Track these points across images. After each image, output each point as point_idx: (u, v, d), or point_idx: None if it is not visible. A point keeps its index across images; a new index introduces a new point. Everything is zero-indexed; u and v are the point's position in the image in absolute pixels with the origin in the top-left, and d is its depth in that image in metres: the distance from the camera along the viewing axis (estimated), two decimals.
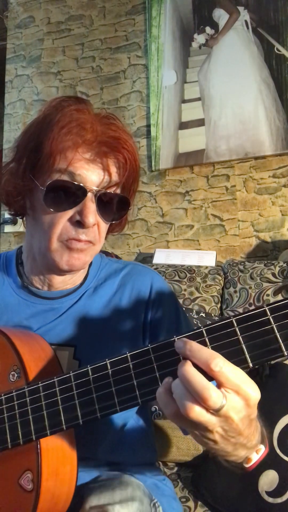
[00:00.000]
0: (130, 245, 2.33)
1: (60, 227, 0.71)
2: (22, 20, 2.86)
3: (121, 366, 0.53)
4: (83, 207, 0.70)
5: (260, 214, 2.11)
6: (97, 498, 0.65)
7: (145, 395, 0.52)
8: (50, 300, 0.79)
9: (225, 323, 0.48)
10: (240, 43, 2.24)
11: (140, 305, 0.80)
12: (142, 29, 2.49)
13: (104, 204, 0.73)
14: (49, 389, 0.57)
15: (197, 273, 1.75)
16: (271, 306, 0.47)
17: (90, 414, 0.54)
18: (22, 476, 0.59)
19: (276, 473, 1.07)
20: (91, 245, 0.74)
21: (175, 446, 1.32)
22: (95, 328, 0.77)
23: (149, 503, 0.70)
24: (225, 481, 1.13)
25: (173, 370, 0.49)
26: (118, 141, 0.72)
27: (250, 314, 0.47)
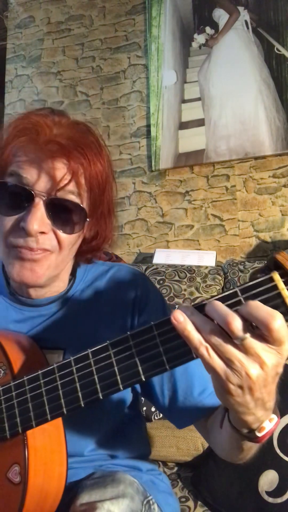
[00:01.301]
0: (130, 245, 2.33)
1: (8, 233, 0.67)
2: (22, 20, 2.86)
3: (102, 355, 0.55)
4: (27, 213, 0.65)
5: (260, 214, 2.11)
6: (89, 495, 0.66)
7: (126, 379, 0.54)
8: (37, 307, 0.78)
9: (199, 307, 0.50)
10: (240, 43, 2.24)
11: (127, 306, 0.79)
12: (142, 29, 2.49)
13: (58, 211, 0.67)
14: (34, 382, 0.59)
15: (197, 273, 1.75)
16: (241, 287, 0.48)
17: (74, 402, 0.56)
18: (10, 469, 0.59)
19: (276, 473, 1.07)
20: (47, 254, 0.68)
21: (175, 446, 1.32)
22: (84, 330, 0.76)
23: (141, 501, 0.70)
24: (225, 481, 1.13)
25: (152, 354, 0.52)
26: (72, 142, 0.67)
27: (223, 296, 0.49)
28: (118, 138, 2.43)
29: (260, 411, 0.50)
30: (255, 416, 0.50)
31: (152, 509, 0.73)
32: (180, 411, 0.75)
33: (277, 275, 0.47)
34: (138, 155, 2.39)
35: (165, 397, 0.75)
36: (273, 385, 0.49)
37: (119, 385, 0.53)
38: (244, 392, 0.47)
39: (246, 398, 0.47)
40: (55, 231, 0.68)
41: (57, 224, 0.68)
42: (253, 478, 1.08)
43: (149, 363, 0.52)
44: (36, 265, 0.68)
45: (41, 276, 0.69)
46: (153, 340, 0.52)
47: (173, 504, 0.84)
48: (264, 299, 0.47)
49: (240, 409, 0.49)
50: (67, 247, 0.71)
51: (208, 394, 0.73)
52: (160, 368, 0.52)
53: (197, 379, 0.74)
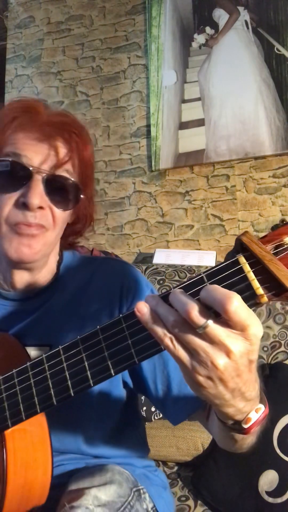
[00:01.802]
0: (130, 245, 2.33)
1: (7, 210, 0.70)
2: (22, 20, 2.86)
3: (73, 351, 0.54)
4: (28, 188, 0.69)
5: (260, 214, 2.11)
6: (76, 484, 0.66)
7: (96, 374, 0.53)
8: (20, 302, 0.78)
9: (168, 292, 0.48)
10: (240, 43, 2.24)
11: (114, 296, 0.78)
12: (142, 29, 2.49)
13: (54, 188, 0.72)
14: (9, 381, 0.59)
15: (197, 273, 1.75)
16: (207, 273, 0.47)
17: (46, 400, 0.56)
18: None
19: (276, 473, 1.07)
20: (43, 230, 0.71)
21: (175, 446, 1.33)
22: (70, 325, 0.76)
23: (130, 488, 0.70)
24: (225, 481, 1.13)
25: (121, 347, 0.51)
26: (65, 124, 0.72)
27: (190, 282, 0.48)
28: (118, 138, 2.43)
29: (239, 402, 0.48)
30: (235, 407, 0.48)
31: (142, 498, 0.73)
32: (174, 405, 0.74)
33: (243, 258, 0.45)
34: (138, 155, 2.39)
35: (158, 390, 0.74)
36: (249, 374, 0.46)
37: (90, 381, 0.53)
38: (216, 383, 0.44)
39: (219, 389, 0.45)
40: (51, 207, 0.72)
41: (54, 201, 0.72)
42: (253, 478, 1.08)
43: (118, 357, 0.51)
44: (34, 241, 0.70)
45: (38, 252, 0.71)
46: (122, 333, 0.51)
47: (166, 498, 0.83)
48: (230, 284, 0.45)
49: (216, 401, 0.47)
50: (60, 224, 0.75)
51: None
52: (129, 362, 0.50)
53: None
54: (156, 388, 0.74)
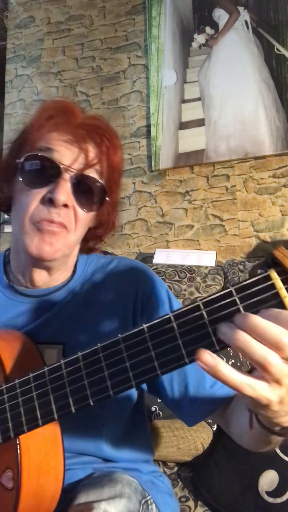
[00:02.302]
0: (130, 245, 2.33)
1: (33, 206, 0.70)
2: (22, 20, 2.86)
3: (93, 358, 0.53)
4: (56, 185, 0.69)
5: (260, 214, 2.11)
6: (86, 495, 0.65)
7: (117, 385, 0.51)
8: (36, 298, 0.78)
9: (192, 307, 0.47)
10: (240, 43, 2.24)
11: (129, 298, 0.78)
12: (142, 29, 2.49)
13: (81, 188, 0.72)
14: (25, 385, 0.58)
15: (197, 273, 1.75)
16: (236, 287, 0.46)
17: (64, 408, 0.54)
18: (3, 474, 0.58)
19: (276, 473, 1.07)
20: (64, 231, 0.71)
21: (175, 446, 1.32)
22: (84, 325, 0.76)
23: (139, 501, 0.70)
24: (225, 481, 1.13)
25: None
26: (99, 128, 0.74)
27: (217, 296, 0.46)
28: None
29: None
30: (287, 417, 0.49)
31: (150, 509, 0.72)
32: (191, 406, 0.73)
33: (275, 273, 0.43)
34: (138, 155, 2.39)
35: (174, 392, 0.74)
36: None
37: (110, 391, 0.51)
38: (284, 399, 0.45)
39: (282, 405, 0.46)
40: (75, 207, 0.72)
41: (78, 201, 0.72)
42: (253, 478, 1.08)
43: (140, 368, 0.49)
44: (55, 239, 0.70)
45: (58, 251, 0.71)
46: (144, 344, 0.49)
47: (172, 505, 0.83)
48: (260, 300, 0.44)
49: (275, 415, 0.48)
50: (82, 226, 0.75)
51: (220, 385, 0.71)
52: (150, 374, 0.49)
53: None
54: (172, 390, 0.74)
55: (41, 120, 0.72)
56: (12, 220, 0.79)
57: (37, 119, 0.72)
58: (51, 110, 0.73)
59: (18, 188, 0.74)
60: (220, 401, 0.71)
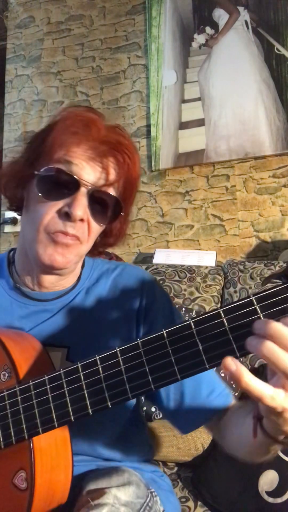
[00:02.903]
0: (130, 245, 2.33)
1: (49, 217, 0.70)
2: (22, 20, 2.86)
3: (110, 362, 0.53)
4: (73, 199, 0.69)
5: (260, 214, 2.11)
6: (95, 484, 0.66)
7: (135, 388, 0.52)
8: (43, 302, 0.78)
9: (212, 315, 0.48)
10: (240, 43, 2.24)
11: (133, 305, 0.78)
12: (142, 29, 2.49)
13: (96, 203, 0.72)
14: (40, 387, 0.58)
15: (197, 273, 1.75)
16: (257, 296, 0.47)
17: (81, 410, 0.54)
18: (16, 475, 0.59)
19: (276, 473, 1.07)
20: (77, 243, 0.72)
21: (175, 446, 1.32)
22: (88, 329, 0.76)
23: (146, 488, 0.70)
24: (225, 481, 1.13)
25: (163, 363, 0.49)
26: (121, 144, 0.73)
27: (237, 305, 0.47)
28: None
29: None
30: None
31: (155, 500, 0.73)
32: (186, 414, 0.73)
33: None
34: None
35: (170, 399, 0.74)
36: None
37: (128, 394, 0.52)
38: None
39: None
40: (89, 221, 0.72)
41: (94, 215, 0.73)
42: (253, 478, 1.08)
43: (160, 373, 0.50)
44: (67, 251, 0.71)
45: (70, 262, 0.73)
46: (164, 349, 0.50)
47: (174, 502, 0.84)
48: (282, 309, 0.45)
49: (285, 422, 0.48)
50: (94, 237, 0.76)
51: (216, 395, 0.72)
52: (171, 379, 0.50)
53: (205, 380, 0.72)
54: (168, 397, 0.74)
55: (61, 130, 0.71)
56: (23, 223, 0.79)
57: (59, 133, 0.71)
58: (75, 123, 0.71)
59: (34, 197, 0.73)
60: (216, 411, 0.71)
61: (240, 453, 0.67)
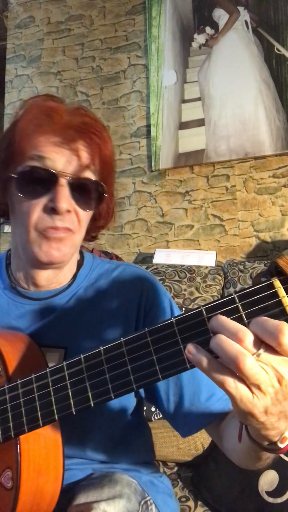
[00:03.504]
0: (130, 245, 2.33)
1: (36, 216, 0.70)
2: (22, 20, 2.86)
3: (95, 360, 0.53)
4: (55, 193, 0.69)
5: (260, 214, 2.11)
6: (85, 496, 0.65)
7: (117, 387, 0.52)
8: (39, 301, 0.78)
9: (195, 312, 0.48)
10: (240, 43, 2.24)
11: (132, 306, 0.78)
12: (142, 29, 2.49)
13: (79, 190, 0.72)
14: (27, 386, 0.58)
15: (197, 273, 1.75)
16: (239, 294, 0.46)
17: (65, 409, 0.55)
18: (2, 474, 0.59)
19: (276, 473, 1.07)
20: (70, 234, 0.72)
21: (175, 446, 1.32)
22: (87, 329, 0.76)
23: (139, 501, 0.70)
24: (225, 481, 1.13)
25: (145, 363, 0.49)
26: (86, 125, 0.72)
27: (220, 302, 0.47)
28: (118, 138, 2.43)
29: (283, 423, 0.48)
30: (278, 430, 0.48)
31: (149, 509, 0.72)
32: (185, 418, 0.73)
33: (278, 282, 0.44)
34: (138, 155, 2.39)
35: (170, 402, 0.73)
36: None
37: (111, 394, 0.52)
38: (268, 408, 0.45)
39: (268, 415, 0.46)
40: (76, 210, 0.72)
41: (78, 203, 0.72)
42: (253, 478, 1.08)
43: (141, 372, 0.50)
44: (62, 244, 0.71)
45: (67, 254, 0.73)
46: (146, 348, 0.50)
47: (172, 505, 0.83)
48: (263, 308, 0.44)
49: (261, 426, 0.47)
50: (84, 225, 0.76)
51: (216, 399, 0.71)
52: (152, 378, 0.49)
53: (205, 384, 0.72)
54: (168, 400, 0.74)
55: (26, 125, 0.70)
56: (12, 226, 0.78)
57: (24, 129, 0.70)
58: (37, 116, 0.71)
59: (16, 199, 0.73)
60: (215, 415, 0.71)
61: (234, 459, 0.67)
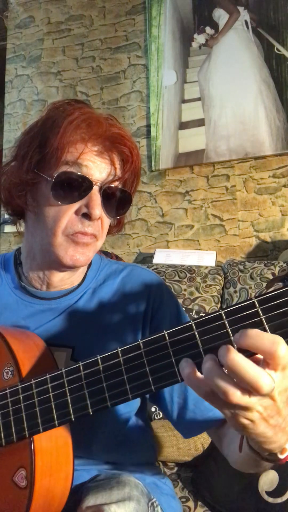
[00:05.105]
0: (130, 245, 2.33)
1: (66, 221, 0.71)
2: (22, 20, 2.86)
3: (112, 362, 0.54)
4: (90, 200, 0.71)
5: (260, 214, 2.11)
6: (94, 498, 0.65)
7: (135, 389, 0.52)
8: (48, 301, 0.78)
9: (215, 316, 0.48)
10: (240, 43, 2.24)
11: (139, 307, 0.78)
12: (142, 29, 2.49)
13: (107, 198, 0.74)
14: (41, 386, 0.58)
15: (197, 273, 1.75)
16: (259, 298, 0.46)
17: (82, 410, 0.55)
18: (16, 473, 0.59)
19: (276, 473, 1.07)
20: (95, 240, 0.74)
21: (175, 446, 1.32)
22: (94, 330, 0.76)
23: (147, 503, 0.70)
24: (225, 481, 1.13)
25: (164, 364, 0.50)
26: (123, 137, 0.74)
27: (239, 307, 0.47)
28: None
29: (282, 437, 0.49)
30: (278, 443, 0.49)
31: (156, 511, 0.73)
32: (189, 420, 0.73)
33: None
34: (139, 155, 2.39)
35: (174, 404, 0.74)
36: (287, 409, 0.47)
37: (129, 395, 0.52)
38: (256, 424, 0.46)
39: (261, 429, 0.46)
40: (102, 217, 0.74)
41: (106, 210, 0.74)
42: (253, 478, 1.08)
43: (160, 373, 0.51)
44: (87, 249, 0.74)
45: (89, 259, 0.75)
46: (165, 350, 0.50)
47: (176, 507, 0.83)
48: (283, 312, 0.44)
49: (259, 439, 0.48)
50: (105, 232, 0.78)
51: None
52: (172, 380, 0.50)
53: None
54: (172, 401, 0.74)
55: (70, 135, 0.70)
56: (31, 228, 0.78)
57: (65, 135, 0.70)
58: (79, 123, 0.71)
59: (44, 202, 0.73)
60: (218, 418, 0.71)
61: (233, 463, 0.68)
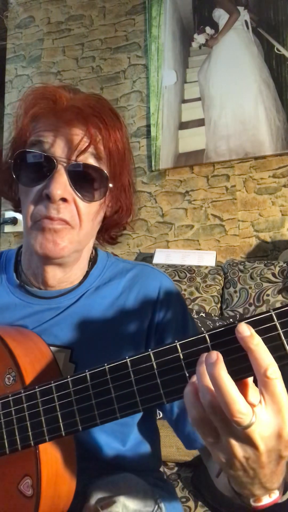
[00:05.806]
0: (130, 245, 2.33)
1: (32, 205, 0.67)
2: (22, 20, 2.86)
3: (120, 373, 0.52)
4: (51, 179, 0.65)
5: (260, 214, 2.11)
6: (103, 492, 0.64)
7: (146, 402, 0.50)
8: (47, 300, 0.75)
9: (229, 328, 0.46)
10: (240, 43, 2.24)
11: (146, 308, 0.74)
12: (142, 29, 2.49)
13: (80, 179, 0.67)
14: (47, 395, 0.56)
15: (197, 273, 1.75)
16: (277, 311, 0.44)
17: (90, 421, 0.53)
18: (21, 481, 0.58)
19: None
20: (67, 227, 0.67)
21: (175, 446, 1.32)
22: (95, 330, 0.73)
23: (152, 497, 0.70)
24: None
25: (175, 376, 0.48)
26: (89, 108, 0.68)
27: (256, 319, 0.45)
28: None
29: (257, 490, 0.47)
30: (250, 492, 0.47)
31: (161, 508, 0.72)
32: (189, 432, 0.72)
33: None
34: (138, 155, 2.39)
35: (173, 414, 0.73)
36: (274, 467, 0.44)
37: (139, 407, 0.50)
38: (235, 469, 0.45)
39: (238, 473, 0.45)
40: (75, 201, 0.67)
41: (79, 192, 0.67)
42: None
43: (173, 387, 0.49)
44: (57, 237, 0.67)
45: (63, 249, 0.67)
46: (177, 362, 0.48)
47: (178, 509, 0.82)
48: None
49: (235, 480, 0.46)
50: (88, 220, 0.70)
51: None
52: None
53: None
54: (171, 411, 0.73)
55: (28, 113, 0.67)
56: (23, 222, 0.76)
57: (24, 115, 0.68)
58: (36, 101, 0.68)
59: (20, 189, 0.71)
60: None
61: (219, 488, 0.66)
